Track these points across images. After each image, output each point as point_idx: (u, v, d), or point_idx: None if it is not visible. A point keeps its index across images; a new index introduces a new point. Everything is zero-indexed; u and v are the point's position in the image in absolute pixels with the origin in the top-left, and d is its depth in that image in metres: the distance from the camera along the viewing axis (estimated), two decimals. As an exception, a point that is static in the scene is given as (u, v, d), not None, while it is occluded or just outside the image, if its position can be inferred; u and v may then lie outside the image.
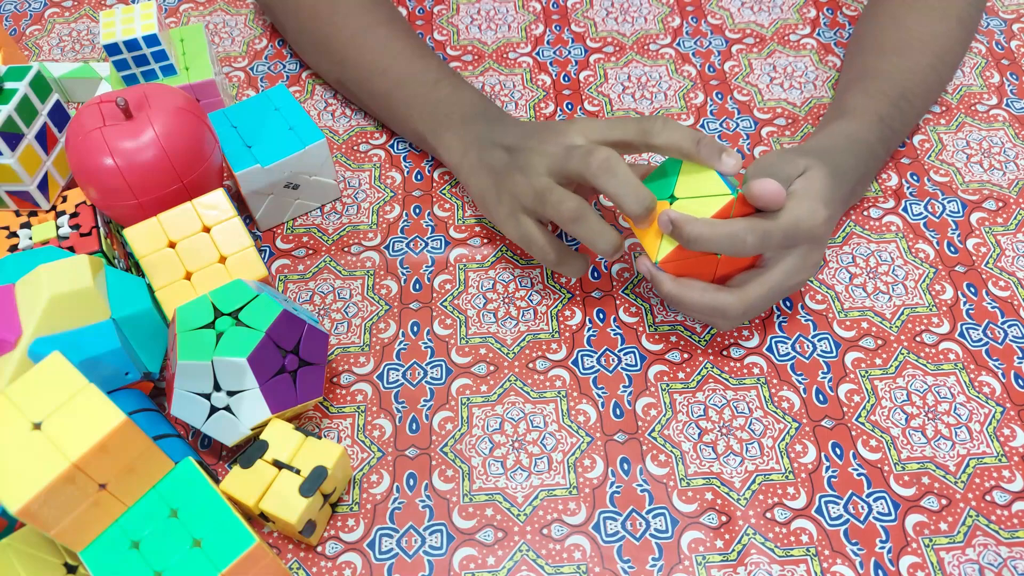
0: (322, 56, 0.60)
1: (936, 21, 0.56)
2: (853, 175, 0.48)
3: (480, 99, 0.54)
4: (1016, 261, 0.53)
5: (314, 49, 0.61)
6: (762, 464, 0.45)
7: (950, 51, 0.56)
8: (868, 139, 0.50)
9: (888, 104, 0.53)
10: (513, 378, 0.49)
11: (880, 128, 0.51)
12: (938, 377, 0.48)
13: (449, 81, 0.55)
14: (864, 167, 0.50)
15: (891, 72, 0.54)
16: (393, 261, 0.54)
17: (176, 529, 0.35)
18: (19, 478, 0.31)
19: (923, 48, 0.55)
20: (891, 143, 0.53)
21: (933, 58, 0.55)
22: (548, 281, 0.53)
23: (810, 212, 0.42)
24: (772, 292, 0.44)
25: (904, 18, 0.57)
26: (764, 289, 0.43)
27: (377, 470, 0.46)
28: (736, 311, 0.43)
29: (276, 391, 0.42)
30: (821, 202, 0.43)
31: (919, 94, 0.55)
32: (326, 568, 0.42)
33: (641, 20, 0.70)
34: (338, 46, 0.58)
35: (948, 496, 0.44)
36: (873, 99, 0.53)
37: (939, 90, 0.57)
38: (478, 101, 0.53)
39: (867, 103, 0.53)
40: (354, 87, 0.59)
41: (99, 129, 0.46)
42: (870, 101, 0.53)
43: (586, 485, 0.45)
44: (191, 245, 0.46)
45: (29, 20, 0.71)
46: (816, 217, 0.42)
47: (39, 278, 0.41)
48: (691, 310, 0.44)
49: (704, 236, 0.41)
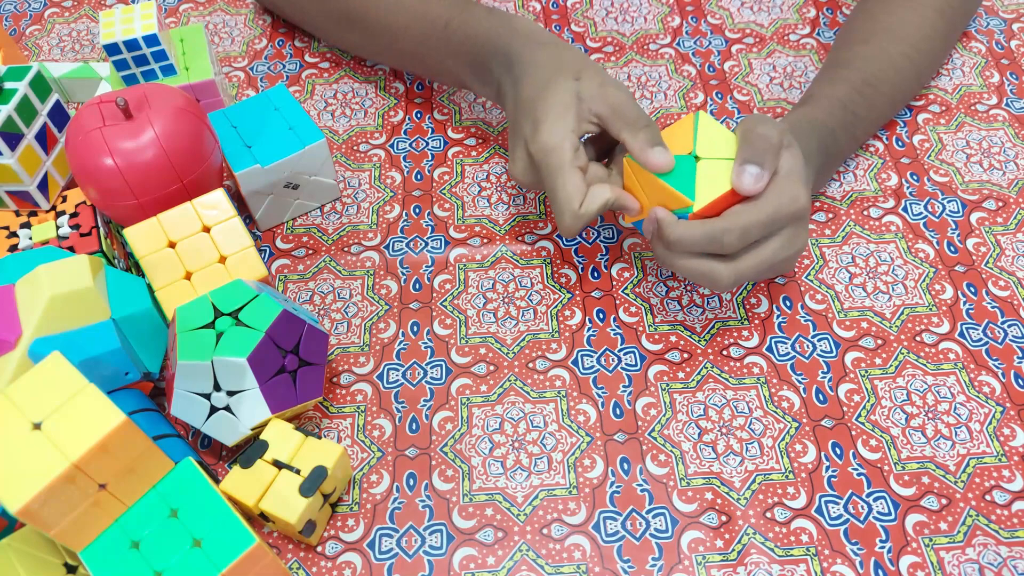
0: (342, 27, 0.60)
1: (909, 11, 0.57)
2: (816, 159, 0.49)
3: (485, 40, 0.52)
4: (1016, 261, 0.53)
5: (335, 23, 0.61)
6: (762, 464, 0.45)
7: (926, 39, 0.57)
8: (828, 123, 0.51)
9: (850, 90, 0.53)
10: (513, 378, 0.49)
11: (842, 114, 0.52)
12: (938, 377, 0.48)
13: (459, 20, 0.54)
14: (825, 152, 0.50)
15: (854, 59, 0.55)
16: (393, 261, 0.54)
17: (176, 529, 0.35)
18: (19, 478, 0.31)
19: (892, 36, 0.56)
20: (856, 129, 0.53)
21: (904, 46, 0.56)
22: (548, 281, 0.53)
23: (792, 199, 0.43)
24: (763, 265, 0.44)
25: (874, 10, 0.58)
26: (755, 261, 0.44)
27: (377, 470, 0.46)
28: (727, 281, 0.44)
29: (276, 391, 0.42)
30: (802, 184, 0.43)
31: (887, 80, 0.55)
32: (326, 568, 0.42)
33: (641, 20, 0.70)
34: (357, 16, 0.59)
35: (948, 496, 0.44)
36: (835, 86, 0.54)
37: (916, 79, 0.57)
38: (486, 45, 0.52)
39: (829, 90, 0.53)
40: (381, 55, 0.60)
41: (99, 129, 0.46)
42: (831, 88, 0.54)
43: (586, 485, 0.45)
44: (191, 245, 0.46)
45: (29, 20, 0.71)
46: (797, 203, 0.43)
47: (39, 278, 0.41)
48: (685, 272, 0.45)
49: (686, 238, 0.42)
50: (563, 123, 0.45)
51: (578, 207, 0.45)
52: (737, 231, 0.42)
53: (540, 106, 0.46)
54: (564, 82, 0.47)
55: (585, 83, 0.47)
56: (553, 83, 0.47)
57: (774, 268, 0.45)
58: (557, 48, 0.49)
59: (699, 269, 0.44)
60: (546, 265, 0.54)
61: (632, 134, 0.44)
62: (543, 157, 0.45)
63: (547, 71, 0.48)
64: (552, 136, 0.45)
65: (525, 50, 0.49)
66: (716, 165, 0.43)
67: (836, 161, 0.52)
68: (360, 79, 0.66)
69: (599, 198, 0.45)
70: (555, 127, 0.45)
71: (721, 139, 0.44)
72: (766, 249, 0.44)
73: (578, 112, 0.46)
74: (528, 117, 0.47)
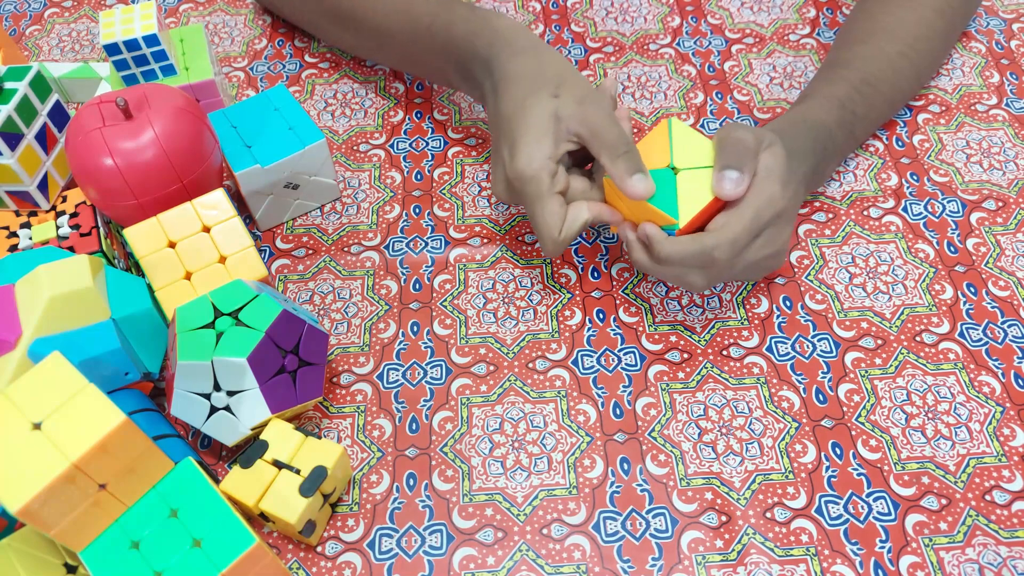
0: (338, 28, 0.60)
1: (908, 11, 0.57)
2: (811, 156, 0.49)
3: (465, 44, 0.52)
4: (1016, 261, 0.53)
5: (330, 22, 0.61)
6: (762, 464, 0.45)
7: (925, 39, 0.57)
8: (825, 121, 0.51)
9: (848, 88, 0.54)
10: (513, 378, 0.49)
11: (840, 112, 0.52)
12: (938, 377, 0.48)
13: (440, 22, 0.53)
14: (822, 149, 0.50)
15: (853, 59, 0.56)
16: (393, 261, 0.54)
17: (176, 529, 0.35)
18: (19, 478, 0.31)
19: (891, 36, 0.56)
20: (854, 127, 0.54)
21: (902, 45, 0.56)
22: (548, 281, 0.53)
23: (769, 200, 0.43)
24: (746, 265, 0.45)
25: (873, 10, 0.59)
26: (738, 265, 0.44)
27: (377, 470, 0.46)
28: (702, 285, 0.45)
29: (276, 391, 0.42)
30: (779, 184, 0.44)
31: (885, 79, 0.55)
32: (326, 568, 0.42)
33: (641, 20, 0.70)
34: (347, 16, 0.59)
35: (948, 496, 0.44)
36: (833, 85, 0.54)
37: (916, 78, 0.58)
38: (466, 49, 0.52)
39: (827, 89, 0.54)
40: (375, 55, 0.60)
41: (99, 129, 0.46)
42: (830, 87, 0.54)
43: (586, 485, 0.45)
44: (191, 245, 0.46)
45: (29, 20, 0.71)
46: (775, 204, 0.43)
47: (39, 278, 0.41)
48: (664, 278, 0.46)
49: (676, 255, 0.43)
50: (540, 149, 0.45)
51: (558, 234, 0.46)
52: (726, 245, 0.42)
53: (518, 126, 0.46)
54: (542, 100, 0.46)
55: (564, 100, 0.46)
56: (531, 100, 0.46)
57: (756, 266, 0.45)
58: (537, 56, 0.48)
59: (678, 276, 0.45)
60: (546, 265, 0.54)
61: (611, 161, 0.44)
62: (521, 186, 0.45)
63: (525, 85, 0.47)
64: (530, 164, 0.45)
65: (503, 56, 0.49)
66: (695, 176, 0.44)
67: (834, 159, 0.52)
68: (360, 79, 0.66)
69: (578, 220, 0.46)
70: (533, 154, 0.45)
71: (696, 145, 0.45)
72: (750, 251, 0.44)
73: (556, 134, 0.45)
74: (506, 139, 0.46)
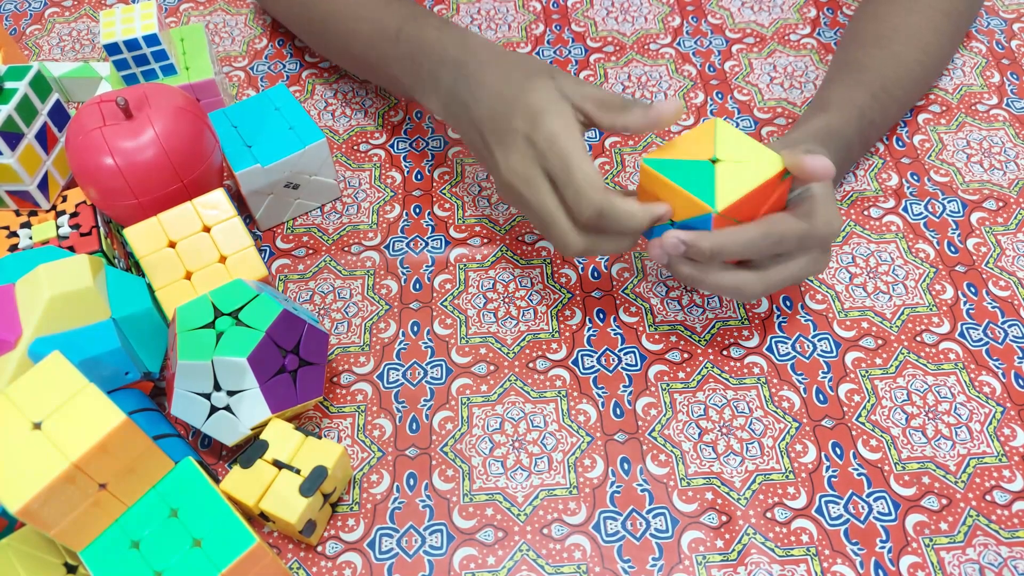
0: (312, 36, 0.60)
1: (918, 14, 0.57)
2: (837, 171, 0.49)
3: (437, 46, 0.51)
4: (1016, 261, 0.53)
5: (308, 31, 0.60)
6: (762, 464, 0.45)
7: (935, 44, 0.57)
8: (846, 132, 0.51)
9: (868, 95, 0.53)
10: (513, 378, 0.49)
11: (859, 121, 0.52)
12: (938, 377, 0.48)
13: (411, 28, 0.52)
14: (842, 160, 0.50)
15: (871, 64, 0.55)
16: (393, 261, 0.54)
17: (176, 529, 0.35)
18: (19, 478, 0.31)
19: (905, 41, 0.56)
20: (869, 135, 0.53)
21: (917, 52, 0.56)
22: (548, 281, 0.53)
23: (827, 222, 0.42)
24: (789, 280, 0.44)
25: (886, 13, 0.58)
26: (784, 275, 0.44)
27: (377, 470, 0.46)
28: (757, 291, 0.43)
29: (276, 391, 0.42)
30: (837, 211, 0.43)
31: (902, 86, 0.55)
32: (326, 568, 0.42)
33: (641, 20, 0.70)
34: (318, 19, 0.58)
35: (948, 496, 0.44)
36: (852, 91, 0.53)
37: (925, 83, 0.57)
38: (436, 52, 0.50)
39: (847, 95, 0.53)
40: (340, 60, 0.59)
41: (99, 129, 0.46)
42: (850, 93, 0.53)
43: (586, 485, 0.45)
44: (191, 245, 0.46)
45: (29, 20, 0.71)
46: (831, 227, 0.42)
47: (39, 278, 0.41)
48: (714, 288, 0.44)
49: (727, 246, 0.41)
50: (564, 107, 0.44)
51: (602, 187, 0.42)
52: (776, 236, 0.41)
53: (530, 99, 0.44)
54: (543, 80, 0.45)
55: (561, 81, 0.45)
56: (533, 81, 0.45)
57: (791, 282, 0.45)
58: (520, 56, 0.48)
59: (731, 282, 0.43)
60: (546, 265, 0.54)
61: (627, 113, 0.43)
62: (550, 144, 0.43)
63: (518, 72, 0.46)
64: (557, 120, 0.43)
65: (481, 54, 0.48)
66: (735, 167, 0.42)
67: (846, 169, 0.52)
68: (360, 79, 0.66)
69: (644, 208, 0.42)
70: (559, 113, 0.43)
71: (743, 144, 0.43)
72: (795, 265, 0.43)
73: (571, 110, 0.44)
74: (518, 112, 0.45)
